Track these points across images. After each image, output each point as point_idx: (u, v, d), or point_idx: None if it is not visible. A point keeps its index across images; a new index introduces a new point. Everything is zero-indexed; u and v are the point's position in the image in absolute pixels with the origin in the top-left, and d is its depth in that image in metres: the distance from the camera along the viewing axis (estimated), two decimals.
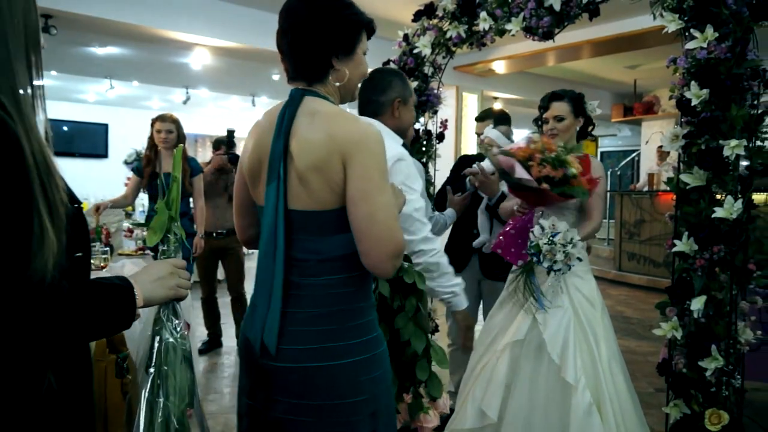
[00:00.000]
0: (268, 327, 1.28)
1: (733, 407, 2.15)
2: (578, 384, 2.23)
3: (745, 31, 2.07)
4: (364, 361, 1.32)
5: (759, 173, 2.12)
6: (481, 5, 2.93)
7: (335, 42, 1.33)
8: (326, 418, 1.28)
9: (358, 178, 1.24)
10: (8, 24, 0.86)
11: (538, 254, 2.15)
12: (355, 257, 1.29)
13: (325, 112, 1.29)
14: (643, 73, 8.13)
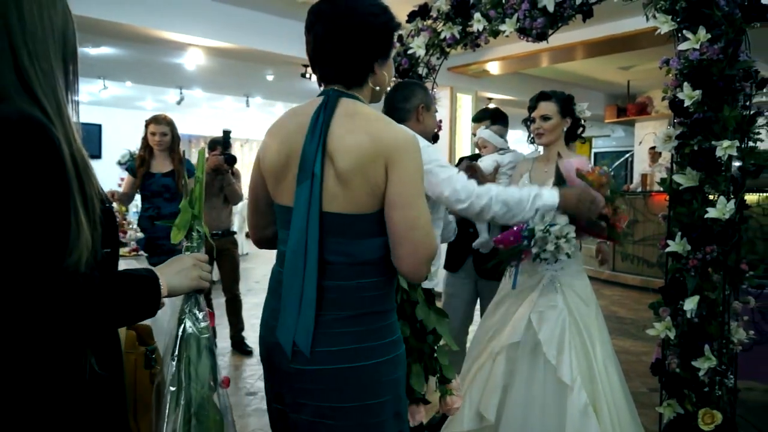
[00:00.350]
0: (300, 330, 1.27)
1: (726, 407, 2.16)
2: (574, 384, 2.24)
3: (737, 33, 2.08)
4: (388, 361, 1.33)
5: (751, 174, 2.13)
6: (475, 6, 2.93)
7: (378, 47, 1.35)
8: (354, 420, 1.29)
9: (401, 183, 1.25)
10: (50, 38, 0.96)
11: (531, 238, 2.18)
12: (384, 261, 1.31)
13: (364, 114, 1.30)
14: (636, 74, 8.16)
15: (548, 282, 2.46)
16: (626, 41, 5.40)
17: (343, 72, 1.34)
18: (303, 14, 1.39)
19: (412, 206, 1.25)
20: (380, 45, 1.35)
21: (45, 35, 0.96)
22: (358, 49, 1.32)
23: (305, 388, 1.30)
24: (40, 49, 0.95)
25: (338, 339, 1.28)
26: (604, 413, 2.26)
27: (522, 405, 2.35)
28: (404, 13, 3.30)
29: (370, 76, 1.37)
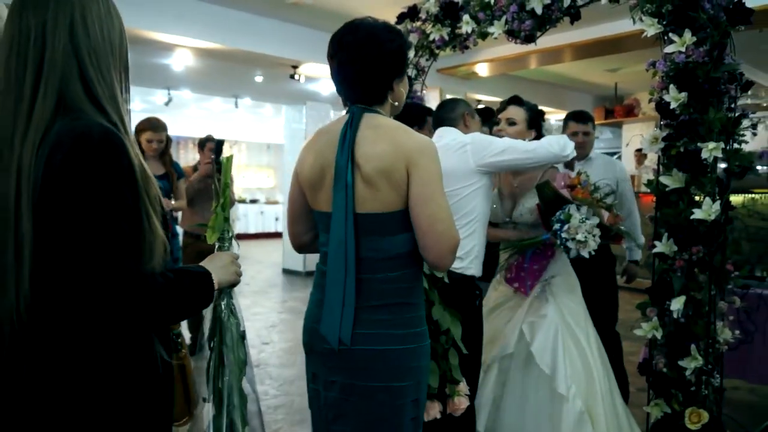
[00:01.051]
0: (345, 320, 1.42)
1: (713, 406, 2.18)
2: (569, 393, 2.25)
3: (722, 36, 2.10)
4: (415, 349, 1.46)
5: (736, 175, 2.15)
6: (463, 8, 2.95)
7: (395, 68, 1.51)
8: (376, 399, 1.42)
9: (422, 182, 1.40)
10: (110, 53, 1.05)
11: (564, 223, 2.23)
12: (412, 255, 1.46)
13: (387, 125, 1.46)
14: (623, 76, 8.21)
15: (539, 291, 2.47)
16: (613, 44, 5.43)
17: (366, 93, 1.50)
18: (292, 15, 1.41)
19: (432, 202, 1.40)
20: (397, 66, 1.51)
21: (106, 50, 1.05)
22: (378, 73, 1.48)
23: (338, 367, 1.45)
24: (103, 63, 1.04)
25: (371, 325, 1.43)
26: (600, 420, 2.26)
27: (516, 417, 2.36)
28: (393, 14, 3.31)
29: (389, 93, 1.53)
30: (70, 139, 0.94)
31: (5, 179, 0.95)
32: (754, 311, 2.61)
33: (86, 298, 0.94)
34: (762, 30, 4.82)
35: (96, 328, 0.99)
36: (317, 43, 6.29)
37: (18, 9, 1.01)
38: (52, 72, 0.99)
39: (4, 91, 0.99)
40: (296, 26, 5.96)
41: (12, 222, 0.94)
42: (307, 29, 6.06)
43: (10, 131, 0.97)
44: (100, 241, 0.93)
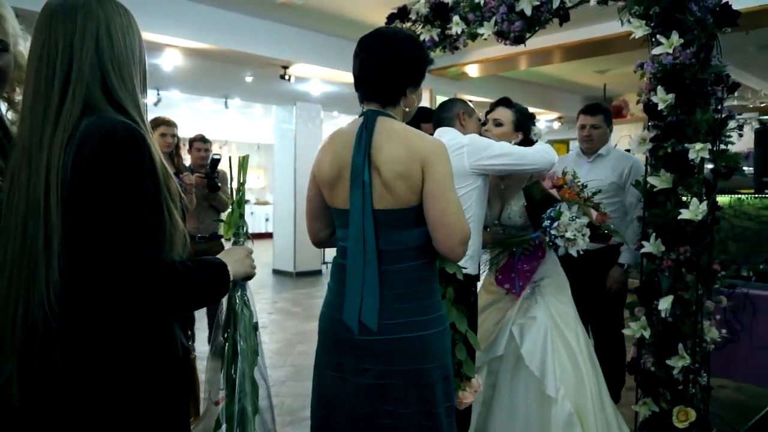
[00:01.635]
0: (367, 310, 1.54)
1: (700, 404, 2.20)
2: (558, 395, 2.26)
3: (709, 38, 2.12)
4: (439, 332, 1.60)
5: (723, 176, 2.17)
6: (453, 9, 2.95)
7: (411, 76, 1.63)
8: (411, 381, 1.54)
9: (434, 180, 1.52)
10: (131, 61, 1.14)
11: (555, 220, 2.25)
12: (428, 246, 1.57)
13: (400, 130, 1.58)
14: (612, 77, 8.27)
15: (529, 293, 2.48)
16: (602, 45, 5.47)
17: (381, 92, 1.62)
18: (282, 15, 1.42)
19: (443, 198, 1.52)
20: (413, 74, 1.63)
21: (128, 59, 1.14)
22: (394, 75, 1.60)
23: (369, 355, 1.56)
24: (125, 71, 1.13)
25: (397, 313, 1.55)
26: (590, 421, 2.27)
27: (506, 418, 2.37)
28: (383, 15, 3.32)
29: (402, 99, 1.64)
30: (97, 135, 1.02)
31: (36, 177, 1.02)
32: (740, 310, 2.63)
33: (110, 284, 1.01)
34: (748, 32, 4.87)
35: (121, 314, 1.06)
36: (307, 43, 6.29)
37: (47, 21, 1.09)
38: (79, 80, 1.07)
39: (34, 97, 1.07)
40: (286, 26, 5.95)
41: (42, 216, 1.01)
42: (298, 29, 6.05)
43: (39, 133, 1.04)
44: (125, 229, 1.00)
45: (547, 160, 2.30)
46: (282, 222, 8.85)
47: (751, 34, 5.01)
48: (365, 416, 1.58)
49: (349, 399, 1.60)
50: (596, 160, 3.29)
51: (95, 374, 1.05)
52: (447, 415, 1.62)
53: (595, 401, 2.33)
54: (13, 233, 1.04)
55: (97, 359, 1.05)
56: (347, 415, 1.61)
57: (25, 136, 1.07)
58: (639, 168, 3.09)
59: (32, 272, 1.02)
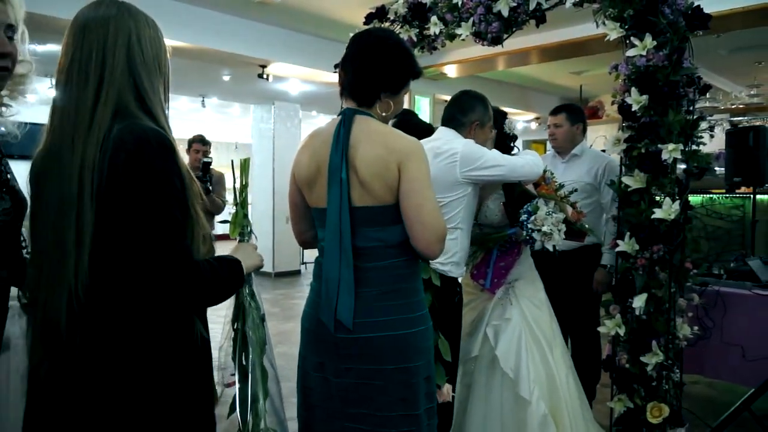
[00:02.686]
0: (342, 306, 1.53)
1: (673, 400, 2.24)
2: (532, 396, 2.28)
3: (681, 40, 2.16)
4: (421, 331, 1.59)
5: (695, 176, 2.22)
6: (431, 10, 2.97)
7: (388, 83, 1.62)
8: (393, 381, 1.53)
9: (410, 179, 1.52)
10: (157, 71, 1.22)
11: (532, 214, 2.26)
12: (408, 244, 1.57)
13: (378, 130, 1.58)
14: (587, 78, 8.36)
15: (503, 294, 2.50)
16: (578, 47, 5.53)
17: (356, 91, 1.62)
18: (260, 14, 1.43)
19: (418, 195, 1.52)
20: (389, 81, 1.62)
21: (155, 67, 1.21)
22: (369, 78, 1.60)
23: (350, 354, 1.55)
24: (153, 78, 1.20)
25: (377, 311, 1.54)
26: (563, 418, 2.30)
27: (481, 418, 2.38)
28: (362, 14, 3.31)
29: (377, 102, 1.63)
30: (131, 140, 1.08)
31: (69, 174, 1.08)
32: (711, 308, 2.68)
33: (146, 278, 1.08)
34: (719, 35, 4.97)
35: (145, 307, 1.12)
36: (286, 42, 6.25)
37: (81, 30, 1.16)
38: (112, 84, 1.13)
39: (65, 98, 1.14)
40: (264, 25, 5.91)
41: (75, 211, 1.07)
42: (276, 28, 6.02)
43: (71, 133, 1.11)
44: (160, 228, 1.08)
45: (536, 172, 2.32)
46: (260, 222, 8.80)
47: (722, 37, 5.11)
48: (347, 417, 1.57)
49: (332, 400, 1.60)
50: (571, 161, 3.33)
51: (116, 362, 1.10)
52: (428, 417, 1.61)
53: (568, 403, 2.36)
54: (45, 225, 1.11)
55: (118, 348, 1.10)
56: (330, 416, 1.61)
57: (55, 136, 1.13)
58: (613, 167, 3.10)
59: (62, 263, 1.07)
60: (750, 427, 2.91)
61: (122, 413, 1.10)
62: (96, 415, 1.09)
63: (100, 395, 1.09)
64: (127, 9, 1.21)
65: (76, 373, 1.09)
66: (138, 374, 1.11)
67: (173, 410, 1.16)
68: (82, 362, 1.09)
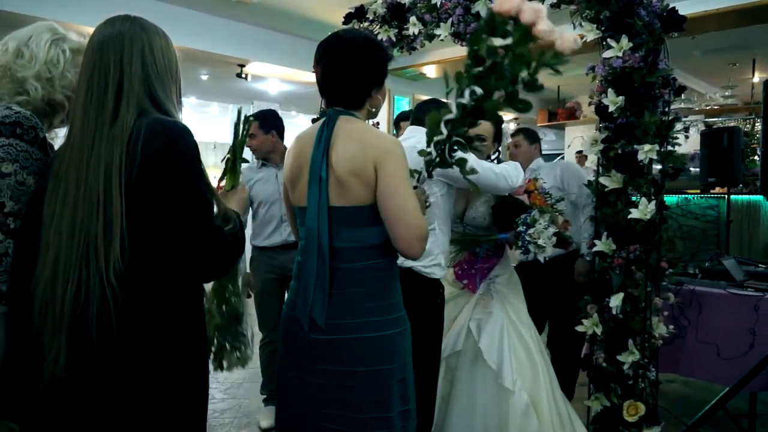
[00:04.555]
0: (315, 305, 1.54)
1: (649, 398, 2.27)
2: (515, 387, 2.30)
3: (656, 42, 2.19)
4: (397, 334, 1.59)
5: (670, 176, 2.24)
6: (410, 10, 2.96)
7: (374, 77, 1.64)
8: (366, 383, 1.54)
9: (387, 178, 1.51)
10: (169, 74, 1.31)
11: (530, 227, 2.30)
12: (386, 245, 1.57)
13: (358, 128, 1.59)
14: (565, 79, 8.43)
15: (484, 290, 2.51)
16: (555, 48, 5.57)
17: (346, 97, 1.63)
18: (238, 13, 1.44)
19: (398, 195, 1.51)
20: (376, 75, 1.64)
21: (168, 74, 1.31)
22: (358, 79, 1.61)
23: (324, 355, 1.55)
24: (166, 84, 1.30)
25: (352, 313, 1.54)
26: (545, 413, 2.31)
27: (466, 411, 2.39)
28: (341, 14, 3.30)
29: (367, 100, 1.66)
30: (161, 131, 1.18)
31: (91, 171, 1.15)
32: (687, 307, 2.72)
33: (181, 253, 1.17)
34: (694, 37, 5.05)
35: (176, 289, 1.23)
36: (264, 41, 6.21)
37: (99, 45, 1.26)
38: (131, 91, 1.22)
39: (86, 106, 1.21)
40: (243, 24, 5.87)
41: (101, 205, 1.13)
42: (254, 28, 5.97)
43: (91, 135, 1.18)
44: (199, 208, 1.18)
45: (509, 185, 2.27)
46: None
47: (697, 38, 5.19)
48: (321, 418, 1.57)
49: (307, 400, 1.60)
50: (531, 174, 3.38)
51: (150, 346, 1.18)
52: (402, 420, 1.59)
53: (548, 394, 2.38)
54: (59, 220, 1.16)
55: (151, 332, 1.19)
56: (305, 416, 1.61)
57: (75, 138, 1.21)
58: (569, 171, 3.34)
59: (86, 256, 1.13)
60: (725, 425, 2.95)
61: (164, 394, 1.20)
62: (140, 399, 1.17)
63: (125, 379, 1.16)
64: (140, 23, 1.31)
65: (103, 358, 1.14)
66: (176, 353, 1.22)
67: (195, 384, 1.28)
68: (113, 348, 1.14)
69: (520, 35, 1.50)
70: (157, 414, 1.19)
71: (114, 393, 1.15)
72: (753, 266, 3.11)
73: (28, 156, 1.32)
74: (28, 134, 1.32)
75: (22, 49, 1.41)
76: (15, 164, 1.28)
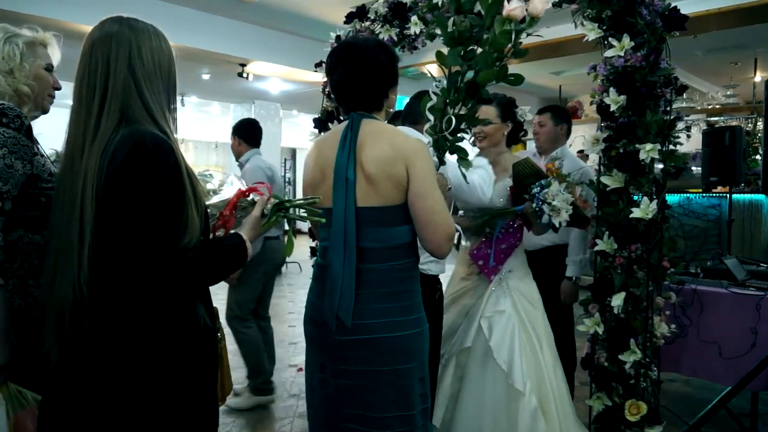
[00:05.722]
0: (342, 306, 1.57)
1: (651, 398, 2.26)
2: (525, 389, 2.28)
3: (658, 41, 2.18)
4: (417, 334, 1.63)
5: (672, 175, 2.24)
6: (412, 9, 2.96)
7: (390, 79, 1.71)
8: (387, 383, 1.58)
9: (420, 179, 1.57)
10: (160, 76, 1.31)
11: (544, 188, 2.28)
12: (411, 245, 1.63)
13: (385, 130, 1.65)
14: (567, 79, 8.45)
15: (497, 285, 2.49)
16: (556, 47, 5.58)
17: (366, 101, 1.69)
18: (240, 13, 1.43)
19: (430, 196, 1.57)
20: (391, 76, 1.71)
21: (158, 75, 1.31)
22: (376, 83, 1.68)
23: (347, 356, 1.60)
24: (155, 85, 1.30)
25: (378, 313, 1.58)
26: (552, 414, 2.30)
27: (474, 412, 2.37)
28: (342, 14, 3.30)
29: (385, 101, 1.72)
30: (129, 144, 1.19)
31: (76, 179, 1.19)
32: (688, 306, 2.71)
33: (137, 268, 1.18)
34: (696, 36, 5.04)
35: (144, 294, 1.22)
36: (266, 41, 6.22)
37: (90, 48, 1.28)
38: (114, 95, 1.24)
39: (77, 111, 1.26)
40: (244, 24, 5.88)
41: (78, 212, 1.18)
42: (256, 27, 5.98)
43: (81, 142, 1.22)
44: (148, 224, 1.17)
45: (478, 197, 2.28)
46: None
47: (699, 38, 5.18)
48: (344, 418, 1.62)
49: (331, 400, 1.65)
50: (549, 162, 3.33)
51: (120, 344, 1.21)
52: (422, 417, 1.63)
53: (556, 396, 2.37)
54: (57, 224, 1.23)
55: (121, 332, 1.21)
56: (330, 416, 1.66)
57: (69, 145, 1.25)
58: (588, 175, 3.10)
59: (67, 257, 1.19)
60: (726, 424, 2.95)
61: (125, 397, 1.20)
62: (101, 399, 1.20)
63: (105, 380, 1.20)
64: (129, 24, 1.32)
65: (82, 361, 1.20)
66: (140, 359, 1.21)
67: (176, 393, 1.25)
68: (88, 350, 1.20)
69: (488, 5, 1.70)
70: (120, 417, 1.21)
71: (86, 389, 1.21)
72: (755, 265, 3.10)
73: (16, 142, 1.42)
74: (14, 123, 1.43)
75: None
76: (3, 149, 1.38)
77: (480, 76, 1.85)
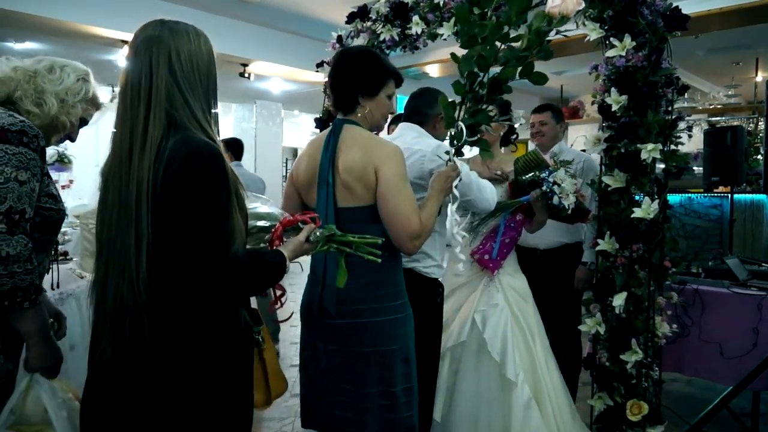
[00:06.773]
0: (327, 294, 1.74)
1: (652, 398, 2.26)
2: (518, 379, 2.31)
3: (660, 41, 2.18)
4: (400, 318, 1.79)
5: (673, 175, 2.24)
6: (413, 9, 2.96)
7: (362, 86, 1.81)
8: (372, 363, 1.74)
9: (385, 183, 1.70)
10: (199, 79, 1.33)
11: (553, 171, 2.40)
12: (389, 240, 1.72)
13: (361, 137, 1.78)
14: (568, 79, 8.43)
15: (489, 282, 2.51)
16: (558, 47, 5.56)
17: (336, 100, 1.86)
18: (242, 12, 1.44)
19: (393, 197, 1.69)
20: (363, 84, 1.81)
21: (198, 77, 1.33)
22: (345, 85, 1.82)
23: (335, 338, 1.78)
24: (196, 87, 1.32)
25: (360, 300, 1.74)
26: (546, 405, 2.33)
27: (470, 401, 2.40)
28: (344, 14, 3.30)
29: (358, 107, 1.82)
30: (184, 154, 1.21)
31: (128, 185, 1.22)
32: (689, 306, 2.71)
33: (190, 274, 1.22)
34: (697, 36, 5.03)
35: (195, 298, 1.26)
36: (267, 41, 6.22)
37: (133, 52, 1.32)
38: (158, 102, 1.26)
39: (123, 118, 1.28)
40: (246, 24, 5.88)
41: (134, 220, 1.21)
42: (257, 27, 5.98)
43: (127, 150, 1.24)
44: (203, 232, 1.21)
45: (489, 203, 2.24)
46: None
47: (700, 38, 5.17)
48: (335, 392, 1.79)
49: (323, 377, 1.82)
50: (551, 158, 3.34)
51: (176, 345, 1.25)
52: (405, 395, 1.78)
53: (550, 389, 2.39)
54: (108, 225, 1.26)
55: (177, 335, 1.26)
56: (322, 390, 1.83)
57: (116, 144, 1.27)
58: (591, 165, 3.15)
59: (123, 262, 1.22)
60: (728, 424, 2.95)
61: (178, 397, 1.25)
62: (154, 398, 1.24)
63: (159, 379, 1.24)
64: (169, 28, 1.35)
65: (141, 362, 1.24)
66: (194, 360, 1.26)
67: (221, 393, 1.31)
68: (147, 353, 1.23)
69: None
70: (174, 416, 1.25)
71: (141, 390, 1.24)
72: (756, 265, 3.10)
73: (36, 164, 1.46)
74: (33, 143, 1.46)
75: (56, 68, 1.63)
76: (27, 172, 1.42)
77: (505, 71, 1.85)
